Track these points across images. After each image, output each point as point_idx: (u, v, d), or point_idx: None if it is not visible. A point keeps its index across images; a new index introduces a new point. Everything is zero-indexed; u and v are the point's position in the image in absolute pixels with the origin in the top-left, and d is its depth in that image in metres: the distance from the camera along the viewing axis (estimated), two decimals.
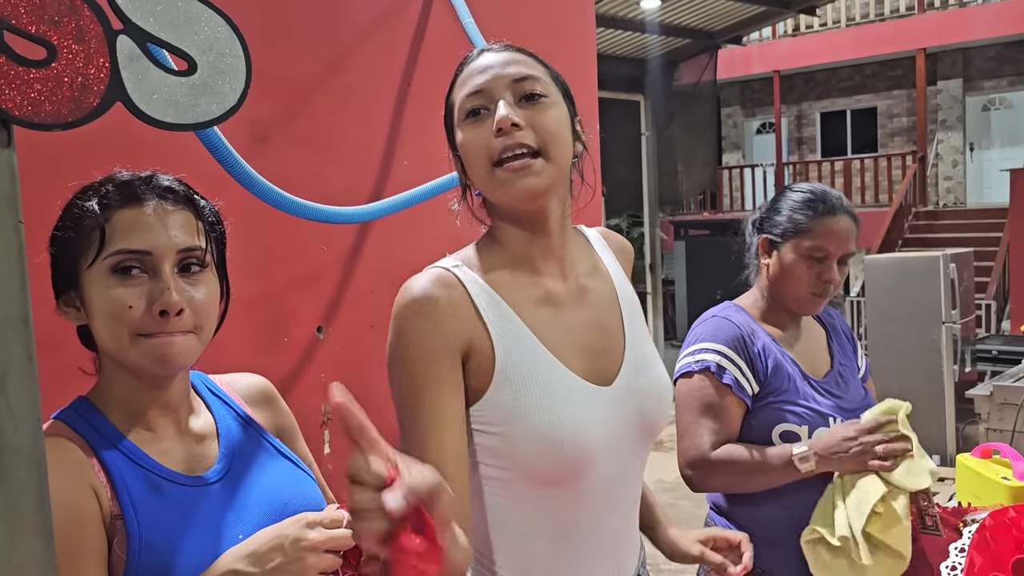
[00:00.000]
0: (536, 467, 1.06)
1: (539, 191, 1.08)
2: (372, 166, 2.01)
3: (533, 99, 1.09)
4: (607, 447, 1.11)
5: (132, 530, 0.93)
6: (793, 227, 1.70)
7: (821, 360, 1.77)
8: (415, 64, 2.09)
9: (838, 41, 13.27)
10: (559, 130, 1.09)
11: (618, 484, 1.15)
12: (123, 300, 0.95)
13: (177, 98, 0.81)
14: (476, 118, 1.09)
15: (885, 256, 6.23)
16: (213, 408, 1.10)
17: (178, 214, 1.00)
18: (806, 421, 1.63)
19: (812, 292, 1.69)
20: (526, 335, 1.09)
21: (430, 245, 2.17)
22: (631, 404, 1.14)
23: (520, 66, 1.11)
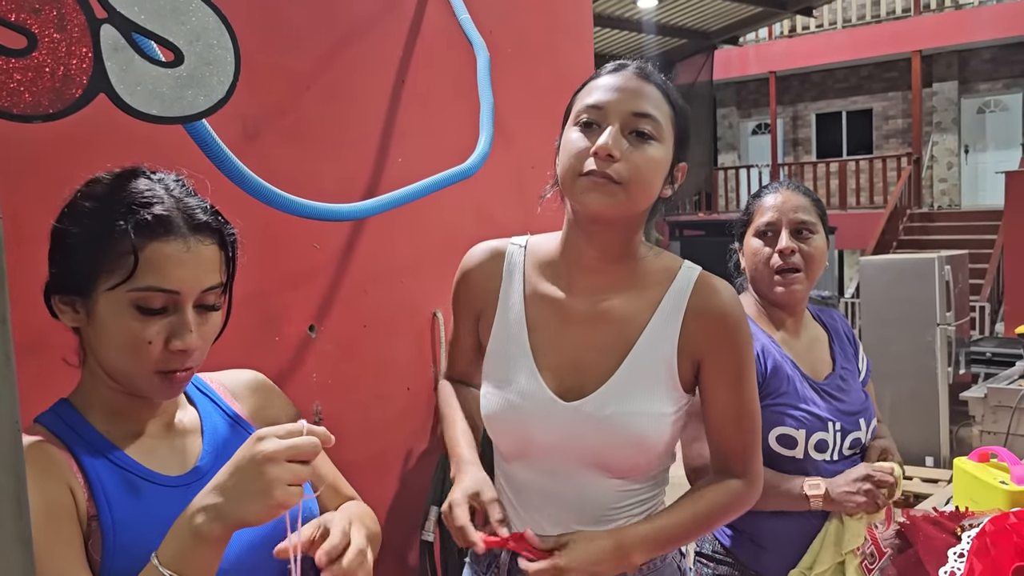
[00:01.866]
0: (490, 429, 1.28)
1: (602, 210, 1.15)
2: (366, 163, 1.99)
3: (642, 137, 1.15)
4: (547, 453, 1.22)
5: (107, 531, 0.91)
6: (746, 216, 1.77)
7: (822, 362, 1.75)
8: (410, 61, 2.06)
9: (834, 42, 13.28)
10: (648, 174, 1.15)
11: (564, 494, 1.23)
12: (143, 336, 0.94)
13: (163, 90, 0.78)
14: (587, 129, 1.17)
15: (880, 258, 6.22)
16: (199, 406, 1.08)
17: (208, 250, 0.98)
18: (804, 425, 1.61)
19: (773, 270, 1.68)
20: (520, 328, 1.25)
21: (423, 244, 2.15)
22: (584, 428, 1.19)
23: (645, 103, 1.16)
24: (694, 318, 1.22)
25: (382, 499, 2.05)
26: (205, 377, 1.14)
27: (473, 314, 1.32)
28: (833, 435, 1.62)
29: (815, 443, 1.61)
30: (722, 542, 1.69)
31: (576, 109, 1.19)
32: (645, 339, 1.21)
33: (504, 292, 1.28)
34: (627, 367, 1.20)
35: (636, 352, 1.21)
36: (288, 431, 0.89)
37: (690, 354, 1.22)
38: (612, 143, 1.12)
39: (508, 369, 1.24)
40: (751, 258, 1.73)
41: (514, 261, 1.29)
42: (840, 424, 1.64)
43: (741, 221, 1.79)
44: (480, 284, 1.30)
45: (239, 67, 0.82)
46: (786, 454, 1.60)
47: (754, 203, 1.77)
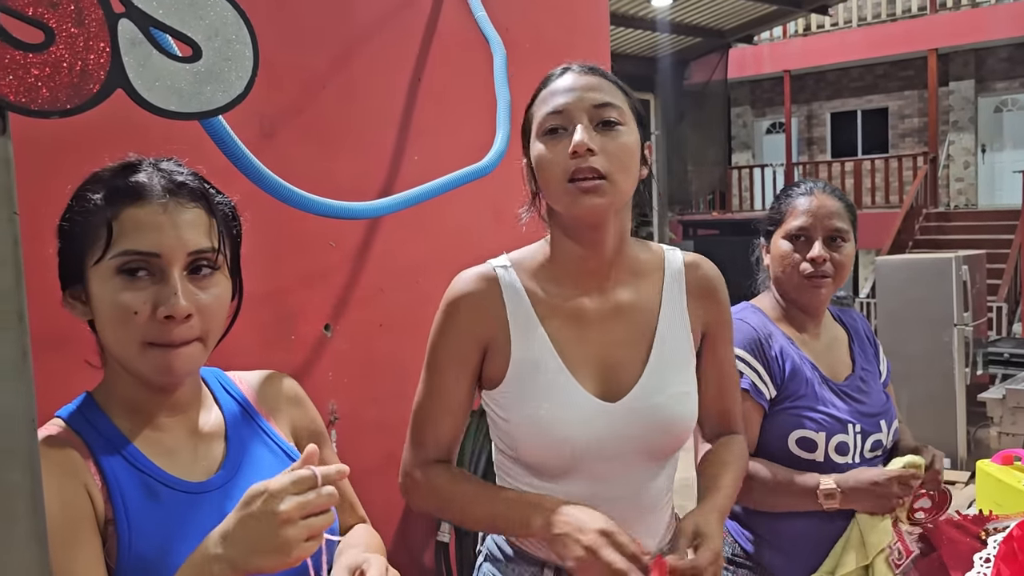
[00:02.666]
0: (531, 455, 1.21)
1: (601, 211, 1.16)
2: (382, 161, 1.98)
3: (609, 125, 1.17)
4: (599, 456, 1.20)
5: (122, 536, 0.90)
6: (777, 215, 1.72)
7: (842, 364, 1.72)
8: (426, 59, 2.05)
9: (850, 41, 13.19)
10: (628, 158, 1.17)
11: (618, 494, 1.22)
12: (128, 305, 0.91)
13: (181, 85, 0.77)
14: (554, 136, 1.17)
15: (896, 257, 6.18)
16: (224, 408, 1.06)
17: (190, 212, 0.94)
18: (824, 428, 1.59)
19: (804, 276, 1.66)
20: (545, 345, 1.21)
21: (439, 243, 2.14)
22: (636, 423, 1.21)
23: (602, 93, 1.18)
24: (695, 293, 1.30)
25: (397, 499, 2.04)
26: (233, 377, 1.12)
27: (477, 348, 1.22)
28: (853, 437, 1.60)
29: (835, 446, 1.59)
30: (743, 546, 1.67)
31: (537, 122, 1.20)
32: (663, 324, 1.27)
33: (513, 314, 1.22)
34: (656, 355, 1.24)
35: (660, 338, 1.25)
36: (299, 480, 0.85)
37: (699, 327, 1.30)
38: (587, 138, 1.14)
39: (542, 386, 1.20)
40: (779, 260, 1.69)
41: (509, 281, 1.24)
42: (860, 426, 1.61)
43: (771, 219, 1.74)
44: (481, 311, 1.22)
45: (257, 63, 0.81)
46: (806, 457, 1.58)
47: (786, 203, 1.71)
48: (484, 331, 1.22)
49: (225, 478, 1.00)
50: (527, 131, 1.25)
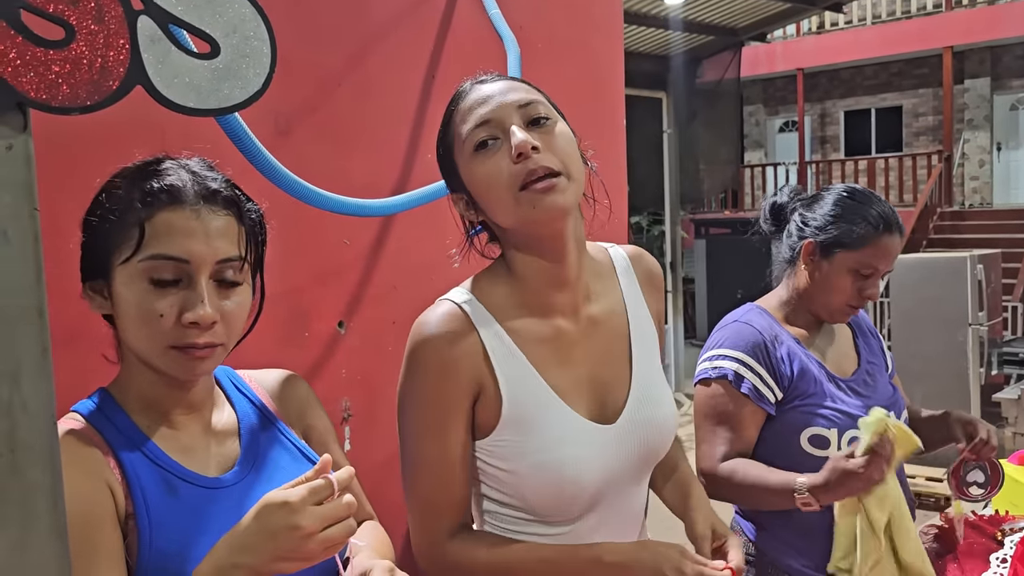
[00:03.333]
0: (539, 503, 1.12)
1: (566, 209, 1.08)
2: (395, 159, 1.98)
3: (540, 123, 1.09)
4: (608, 484, 1.15)
5: (143, 531, 0.91)
6: (849, 240, 1.62)
7: (848, 359, 1.72)
8: (440, 56, 2.05)
9: (864, 39, 13.12)
10: (572, 149, 1.10)
11: (616, 513, 1.20)
12: (155, 308, 0.93)
13: (199, 82, 0.78)
14: (486, 149, 1.08)
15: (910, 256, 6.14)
16: (236, 405, 1.07)
17: (220, 220, 0.96)
18: (835, 424, 1.59)
19: (849, 304, 1.65)
20: (531, 375, 1.12)
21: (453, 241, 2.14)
22: (634, 439, 1.17)
23: (521, 92, 1.11)
24: (645, 285, 1.28)
25: None
26: (244, 376, 1.13)
27: (469, 395, 1.11)
28: None
29: (848, 440, 1.58)
30: (755, 543, 1.67)
31: (464, 141, 1.10)
32: (634, 328, 1.24)
33: (493, 352, 1.11)
34: (637, 363, 1.22)
35: (635, 344, 1.22)
36: (317, 490, 0.86)
37: (656, 317, 1.28)
38: (529, 137, 1.06)
39: (539, 426, 1.11)
40: (833, 284, 1.62)
41: (478, 314, 1.13)
42: None
43: (838, 239, 1.62)
44: (461, 353, 1.10)
45: (275, 59, 0.81)
46: (819, 455, 1.58)
47: (868, 233, 1.60)
48: (470, 374, 1.10)
49: (241, 475, 1.01)
50: (448, 160, 1.15)
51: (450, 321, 1.11)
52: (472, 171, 1.10)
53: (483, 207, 1.12)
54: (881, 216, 1.63)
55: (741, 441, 1.59)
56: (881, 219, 1.63)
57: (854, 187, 1.70)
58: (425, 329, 1.11)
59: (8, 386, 0.65)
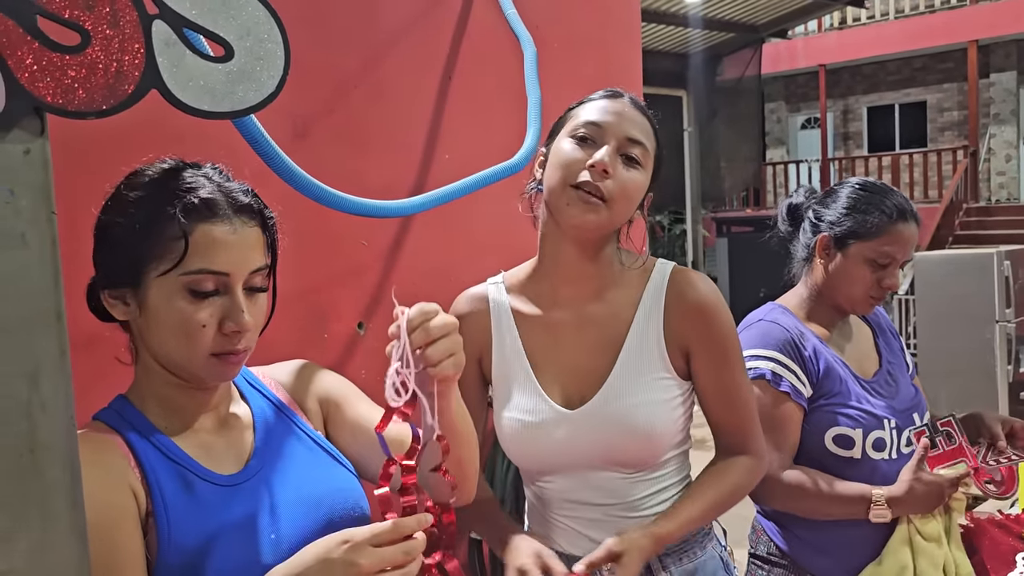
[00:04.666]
0: (513, 458, 1.37)
1: (590, 228, 1.24)
2: (413, 160, 1.99)
3: (631, 161, 1.24)
4: (562, 462, 1.29)
5: (162, 528, 0.92)
6: (863, 230, 1.61)
7: (869, 360, 1.70)
8: (457, 57, 2.06)
9: (886, 33, 12.97)
10: (633, 196, 1.25)
11: (601, 499, 1.30)
12: (197, 319, 0.95)
13: (214, 85, 0.78)
14: (582, 141, 1.24)
15: (936, 253, 6.07)
16: (251, 401, 1.09)
17: (252, 232, 1.00)
18: (860, 424, 1.57)
19: (870, 295, 1.63)
20: (518, 352, 1.33)
21: (472, 241, 2.15)
22: (595, 429, 1.26)
23: (639, 131, 1.26)
24: (674, 310, 1.30)
25: None
26: (257, 372, 1.14)
27: (474, 360, 1.35)
28: (889, 433, 1.58)
29: (873, 442, 1.56)
30: (778, 544, 1.65)
31: (573, 123, 1.27)
32: (633, 335, 1.29)
33: (496, 327, 1.35)
34: (621, 364, 1.28)
35: (627, 349, 1.29)
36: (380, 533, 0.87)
37: (677, 344, 1.30)
38: (609, 160, 1.21)
39: (514, 393, 1.32)
40: (851, 275, 1.62)
41: (496, 297, 1.37)
42: (895, 421, 1.59)
43: (854, 231, 1.61)
44: (472, 329, 1.32)
45: (288, 62, 0.82)
46: (843, 455, 1.56)
47: (881, 222, 1.60)
48: (477, 346, 1.34)
49: (256, 468, 1.02)
50: (558, 126, 1.32)
51: (472, 302, 1.38)
52: (561, 145, 1.27)
53: (547, 173, 1.28)
54: (895, 205, 1.62)
55: (788, 443, 1.56)
56: (895, 208, 1.61)
57: (867, 180, 1.69)
58: (454, 305, 1.39)
59: (27, 387, 0.66)
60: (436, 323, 0.93)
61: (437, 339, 0.93)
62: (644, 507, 1.30)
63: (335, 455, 1.10)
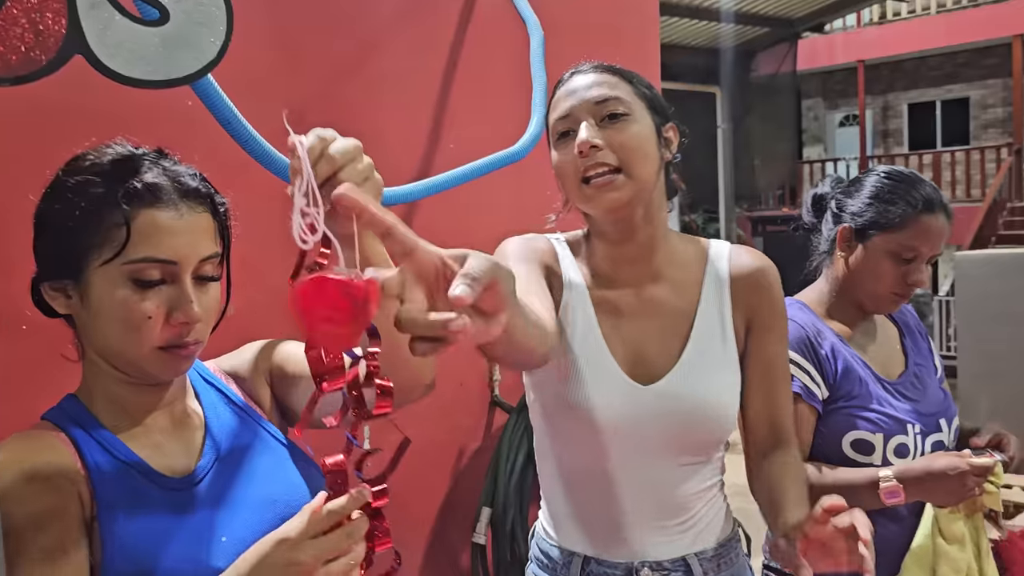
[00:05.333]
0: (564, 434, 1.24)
1: (620, 204, 1.17)
2: (415, 150, 1.92)
3: (615, 118, 1.17)
4: (630, 435, 1.20)
5: (106, 531, 0.87)
6: (886, 220, 1.50)
7: (894, 360, 1.59)
8: (462, 44, 1.99)
9: (928, 28, 12.65)
10: (639, 146, 1.17)
11: (645, 487, 1.22)
12: (142, 310, 0.89)
13: (147, 51, 0.72)
14: (565, 139, 1.20)
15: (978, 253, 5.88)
16: (202, 397, 1.03)
17: (201, 218, 0.93)
18: (881, 428, 1.46)
19: (894, 292, 1.52)
20: (589, 323, 1.22)
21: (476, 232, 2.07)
22: (666, 407, 1.19)
23: (603, 88, 1.19)
24: (739, 281, 1.26)
25: (432, 499, 1.98)
26: (209, 364, 1.08)
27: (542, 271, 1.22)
28: (913, 438, 1.47)
29: (894, 448, 1.46)
30: None
31: (551, 128, 1.24)
32: (701, 315, 1.25)
33: (568, 286, 1.25)
34: (692, 346, 1.23)
35: (697, 330, 1.24)
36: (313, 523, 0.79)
37: (743, 316, 1.26)
38: (589, 135, 1.15)
39: (581, 363, 1.21)
40: (874, 270, 1.51)
41: (566, 256, 1.28)
42: (919, 426, 1.48)
43: (875, 222, 1.51)
44: (544, 256, 1.24)
45: (231, 26, 0.76)
46: (862, 461, 1.46)
47: (907, 214, 1.48)
48: (544, 265, 1.23)
49: (206, 468, 0.97)
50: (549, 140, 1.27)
51: (547, 242, 1.27)
52: (554, 156, 1.23)
53: (561, 188, 1.24)
54: (921, 195, 1.50)
55: (799, 444, 1.47)
56: (921, 198, 1.49)
57: (895, 169, 1.58)
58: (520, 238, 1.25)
59: None
60: (338, 147, 0.79)
61: (344, 166, 0.79)
62: (696, 504, 1.24)
63: (286, 445, 1.04)
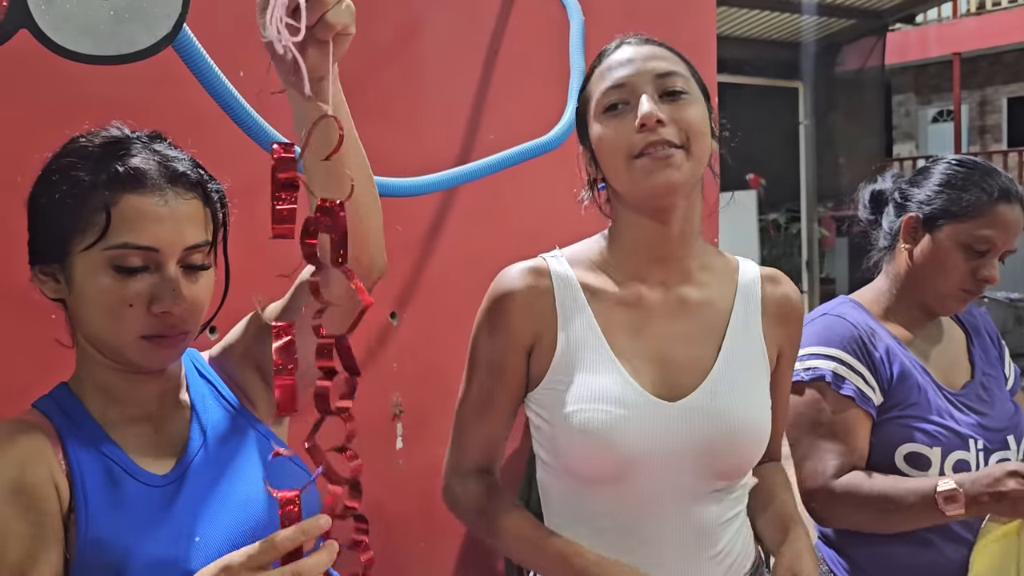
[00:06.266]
0: (573, 459, 1.09)
1: (676, 184, 1.06)
2: (454, 140, 1.87)
3: (675, 96, 1.08)
4: (653, 460, 1.07)
5: (80, 525, 0.86)
6: (957, 208, 1.39)
7: (960, 368, 1.45)
8: (504, 30, 1.93)
9: None
10: (702, 127, 1.09)
11: (671, 504, 1.10)
12: (123, 298, 0.88)
13: (95, 24, 0.68)
14: (615, 112, 1.08)
15: None
16: (193, 391, 1.00)
17: (189, 205, 0.90)
18: (939, 442, 1.34)
19: (963, 289, 1.39)
20: (595, 333, 1.11)
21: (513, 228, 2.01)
22: (695, 426, 1.09)
23: (663, 61, 1.10)
24: (771, 311, 1.19)
25: None
26: (206, 356, 1.06)
27: (523, 345, 1.12)
28: (975, 455, 1.34)
29: (953, 464, 1.33)
30: (830, 567, 1.44)
31: (595, 100, 1.11)
32: (734, 327, 1.15)
33: (561, 304, 1.11)
34: (725, 356, 1.13)
35: (730, 340, 1.14)
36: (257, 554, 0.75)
37: (775, 342, 1.19)
38: (655, 108, 1.05)
39: (589, 381, 1.08)
40: (942, 263, 1.40)
41: (560, 270, 1.13)
42: (983, 442, 1.35)
43: (946, 209, 1.40)
44: (529, 305, 1.11)
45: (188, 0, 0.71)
46: (916, 476, 1.34)
47: (979, 200, 1.38)
48: (531, 330, 1.11)
49: (186, 466, 0.94)
50: (583, 114, 1.16)
51: (528, 275, 1.13)
52: (597, 131, 1.11)
53: (602, 166, 1.12)
54: (997, 184, 1.38)
55: (853, 452, 1.35)
56: (997, 187, 1.38)
57: (967, 157, 1.45)
58: (502, 281, 1.14)
59: None
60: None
61: None
62: (722, 536, 1.13)
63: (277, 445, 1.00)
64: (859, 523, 1.37)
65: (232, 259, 1.01)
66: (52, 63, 0.83)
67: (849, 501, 1.32)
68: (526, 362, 1.13)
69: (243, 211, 1.07)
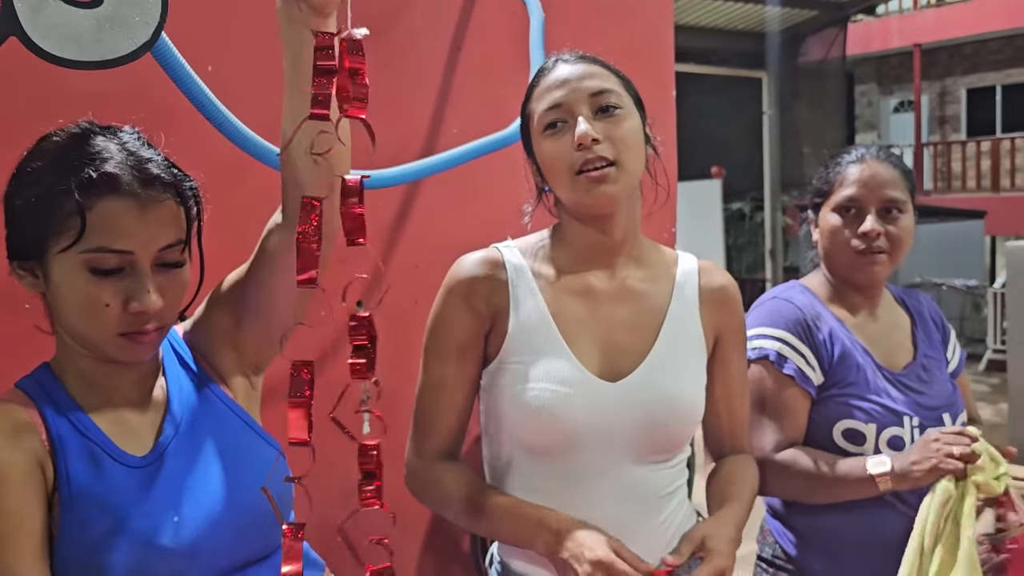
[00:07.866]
0: (522, 433, 1.18)
1: (613, 198, 1.16)
2: (418, 134, 1.93)
3: (609, 111, 1.17)
4: (596, 435, 1.16)
5: (64, 504, 0.90)
6: (825, 186, 1.57)
7: (901, 350, 1.55)
8: (467, 27, 1.98)
9: (989, 10, 12.24)
10: (633, 141, 1.18)
11: (613, 476, 1.18)
12: (100, 298, 0.91)
13: (79, 32, 0.73)
14: (555, 130, 1.17)
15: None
16: (168, 373, 1.04)
17: (163, 207, 0.93)
18: (874, 419, 1.43)
19: (857, 252, 1.49)
20: (544, 317, 1.19)
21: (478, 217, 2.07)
22: (634, 402, 1.18)
23: (596, 79, 1.18)
24: (707, 300, 1.28)
25: None
26: (180, 329, 1.10)
27: (479, 335, 1.20)
28: (910, 431, 1.43)
29: (888, 439, 1.43)
30: (784, 548, 1.53)
31: (537, 119, 1.20)
32: (673, 313, 1.25)
33: (514, 291, 1.20)
34: (663, 340, 1.22)
35: (668, 326, 1.23)
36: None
37: (712, 328, 1.28)
38: (590, 129, 1.14)
39: (540, 362, 1.17)
40: (828, 236, 1.54)
41: (513, 260, 1.22)
42: (918, 419, 1.44)
43: (818, 191, 1.58)
44: (484, 291, 1.20)
45: (166, 8, 0.76)
46: (853, 451, 1.43)
47: (834, 172, 1.56)
48: (487, 314, 1.20)
49: (163, 447, 0.98)
50: (525, 129, 1.25)
51: (482, 265, 1.21)
52: (540, 148, 1.20)
53: (547, 179, 1.22)
54: (846, 152, 1.58)
55: (791, 429, 1.45)
56: (845, 154, 1.57)
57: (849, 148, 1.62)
58: (457, 269, 1.23)
59: None
60: None
61: None
62: (667, 505, 1.22)
63: (257, 430, 1.06)
64: (795, 494, 1.47)
65: (206, 249, 1.05)
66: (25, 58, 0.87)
67: (784, 473, 1.43)
68: (484, 345, 1.21)
69: (216, 204, 1.12)
